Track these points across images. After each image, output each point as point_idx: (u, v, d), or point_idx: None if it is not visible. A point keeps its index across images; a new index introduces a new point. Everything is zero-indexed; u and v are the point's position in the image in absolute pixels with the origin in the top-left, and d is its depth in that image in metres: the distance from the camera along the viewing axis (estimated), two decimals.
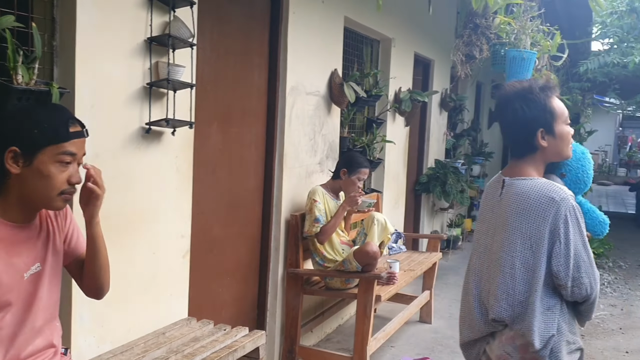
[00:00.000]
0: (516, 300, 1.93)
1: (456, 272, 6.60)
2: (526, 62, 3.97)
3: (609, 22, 8.26)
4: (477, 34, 3.20)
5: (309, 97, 4.05)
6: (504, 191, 2.03)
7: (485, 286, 2.03)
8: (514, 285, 1.93)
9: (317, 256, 3.87)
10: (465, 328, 2.15)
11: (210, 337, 2.73)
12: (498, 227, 2.02)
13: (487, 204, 2.12)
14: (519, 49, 4.00)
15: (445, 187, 6.53)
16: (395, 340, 4.50)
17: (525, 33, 4.02)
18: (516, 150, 2.08)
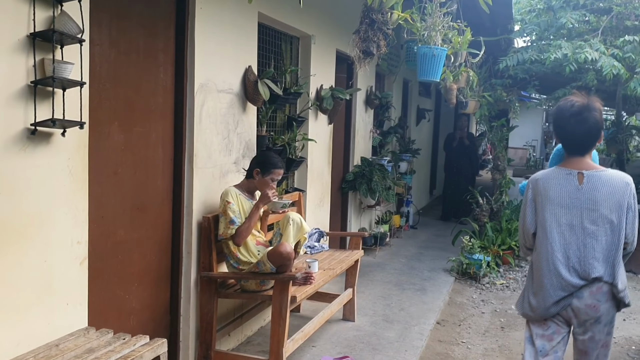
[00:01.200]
0: (610, 260, 2.68)
1: (383, 268, 6.64)
2: (437, 59, 4.00)
3: (527, 20, 8.53)
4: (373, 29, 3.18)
5: (222, 95, 3.95)
6: (587, 181, 2.72)
7: (578, 254, 2.70)
8: (609, 250, 2.68)
9: (231, 259, 3.78)
10: (556, 290, 2.73)
11: (107, 347, 2.59)
12: (585, 209, 2.71)
13: (562, 193, 2.75)
14: (429, 45, 4.03)
15: (371, 185, 6.55)
16: (317, 339, 4.46)
17: (436, 30, 4.06)
18: (582, 150, 2.78)
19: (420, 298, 5.69)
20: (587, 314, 2.72)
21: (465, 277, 6.59)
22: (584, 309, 2.72)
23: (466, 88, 6.51)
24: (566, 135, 2.79)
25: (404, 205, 8.70)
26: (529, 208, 2.86)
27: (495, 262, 6.85)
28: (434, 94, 11.32)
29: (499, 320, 5.43)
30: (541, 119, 23.54)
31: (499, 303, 5.94)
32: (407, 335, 4.71)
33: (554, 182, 2.78)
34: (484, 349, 4.73)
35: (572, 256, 2.71)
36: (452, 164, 10.04)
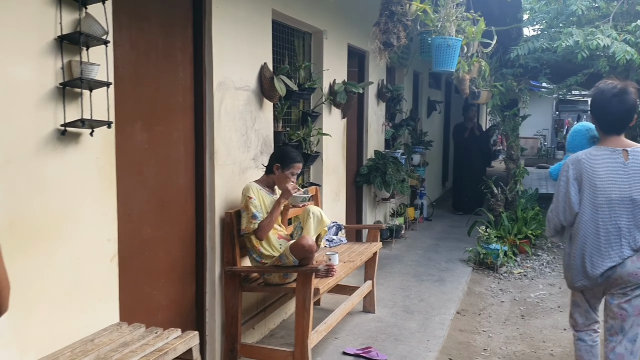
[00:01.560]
0: None
1: (400, 260, 6.68)
2: (452, 49, 4.03)
3: (537, 8, 8.50)
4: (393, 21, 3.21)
5: (239, 92, 4.00)
6: (631, 157, 2.92)
7: (629, 225, 2.89)
8: None
9: (254, 253, 3.83)
10: (605, 260, 2.91)
11: (141, 341, 2.66)
12: (633, 183, 2.89)
13: (610, 169, 2.92)
14: (444, 36, 4.06)
15: (385, 178, 6.59)
16: (339, 331, 4.51)
17: (450, 20, 4.08)
18: (621, 129, 2.98)
19: (439, 289, 5.73)
20: (630, 281, 2.91)
21: (482, 267, 6.62)
22: (626, 277, 2.91)
23: (478, 78, 6.52)
24: (607, 114, 2.98)
25: (417, 198, 8.72)
26: (572, 187, 2.98)
27: (512, 252, 6.88)
28: (443, 86, 11.32)
29: (519, 309, 5.45)
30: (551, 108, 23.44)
31: (518, 292, 5.96)
32: (428, 325, 4.75)
33: (600, 161, 2.94)
34: (505, 337, 4.76)
35: (624, 227, 2.90)
36: (462, 155, 10.02)
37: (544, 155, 20.69)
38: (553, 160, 20.15)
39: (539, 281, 6.35)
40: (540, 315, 5.29)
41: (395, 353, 4.18)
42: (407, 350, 4.25)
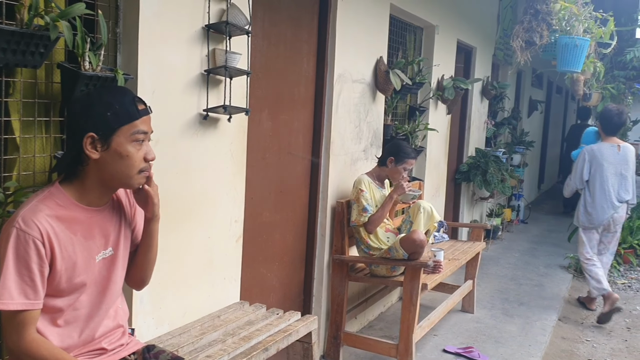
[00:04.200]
0: (631, 190, 4.99)
1: (497, 262, 6.55)
2: (579, 49, 3.88)
3: None
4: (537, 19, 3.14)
5: (355, 85, 4.05)
6: (622, 149, 5.01)
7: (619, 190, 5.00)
8: (633, 185, 4.98)
9: (362, 244, 3.88)
10: (609, 209, 5.03)
11: (264, 320, 2.77)
12: (622, 163, 4.99)
13: (610, 156, 5.00)
14: (571, 35, 3.91)
15: (486, 177, 6.46)
16: (438, 329, 4.50)
17: (578, 20, 3.93)
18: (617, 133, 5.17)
19: (539, 294, 5.57)
20: (619, 220, 5.15)
21: (583, 275, 6.35)
22: (618, 218, 5.12)
23: (592, 79, 6.25)
24: (612, 125, 5.06)
25: (514, 199, 8.50)
26: (586, 165, 5.07)
27: (616, 261, 6.56)
28: (545, 85, 10.93)
29: (624, 321, 5.22)
30: None
31: (622, 303, 5.67)
32: (529, 330, 4.64)
33: (604, 151, 5.06)
34: (610, 348, 4.57)
35: (618, 189, 5.05)
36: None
37: None
38: None
39: None
40: None
41: (496, 355, 4.12)
42: (509, 353, 4.18)
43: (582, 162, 5.06)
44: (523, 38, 3.22)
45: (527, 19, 3.15)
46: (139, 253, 1.96)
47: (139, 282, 2.02)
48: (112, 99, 1.70)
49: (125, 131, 1.69)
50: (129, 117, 1.70)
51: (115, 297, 1.89)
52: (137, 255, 1.96)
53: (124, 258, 1.89)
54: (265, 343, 2.52)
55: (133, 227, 1.95)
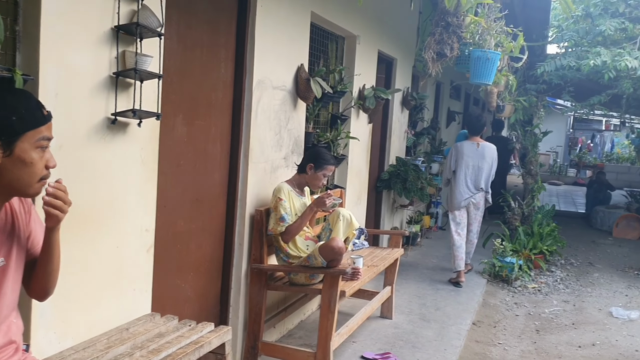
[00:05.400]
0: (487, 180, 6.30)
1: (416, 268, 6.69)
2: (490, 63, 4.04)
3: (565, 26, 8.50)
4: (448, 32, 3.24)
5: (276, 92, 4.03)
6: (480, 146, 6.29)
7: (475, 179, 6.23)
8: (489, 177, 6.32)
9: (281, 252, 3.85)
10: (467, 194, 6.24)
11: (176, 332, 2.68)
12: (480, 159, 6.23)
13: (469, 152, 6.25)
14: (483, 49, 4.07)
15: (406, 184, 6.60)
16: (357, 335, 4.52)
17: (490, 34, 4.09)
18: (478, 133, 6.46)
19: (455, 298, 5.73)
20: (478, 205, 6.35)
21: (497, 279, 6.62)
22: (476, 203, 6.33)
23: (505, 92, 6.53)
24: (473, 127, 6.47)
25: (433, 206, 8.73)
26: (453, 159, 6.34)
27: (527, 266, 6.88)
28: (463, 97, 11.33)
29: (534, 324, 5.46)
30: (565, 125, 23.38)
31: (532, 306, 5.96)
32: (445, 334, 4.76)
33: (466, 147, 6.31)
34: (520, 350, 4.76)
35: (475, 179, 6.26)
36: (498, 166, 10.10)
37: (556, 172, 20.63)
38: (565, 178, 20.12)
39: (552, 297, 6.34)
40: (555, 331, 5.29)
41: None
42: (425, 357, 4.26)
43: (450, 156, 6.42)
44: (434, 50, 3.31)
45: (438, 31, 3.25)
46: (39, 263, 1.85)
47: (42, 293, 1.91)
48: (16, 103, 1.61)
49: (30, 137, 1.61)
50: (35, 122, 1.62)
51: (8, 310, 1.77)
52: (38, 266, 1.85)
53: (17, 269, 1.77)
54: (175, 356, 2.44)
55: (28, 235, 1.83)
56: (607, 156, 22.19)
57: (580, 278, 7.21)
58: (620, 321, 5.68)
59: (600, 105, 9.05)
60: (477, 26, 3.82)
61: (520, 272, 6.66)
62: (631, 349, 4.97)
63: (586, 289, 6.78)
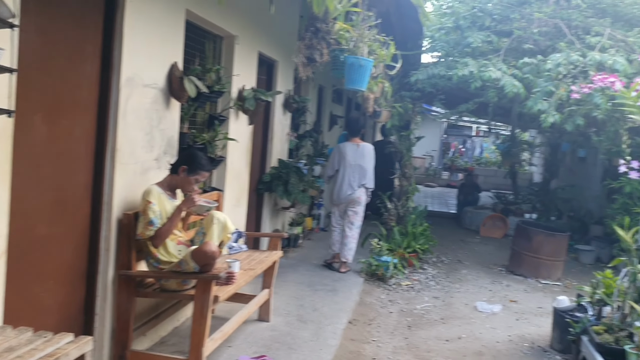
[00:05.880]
0: (369, 178, 6.87)
1: (295, 270, 6.75)
2: (363, 69, 4.17)
3: (437, 37, 9.00)
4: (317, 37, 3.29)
5: (147, 90, 3.88)
6: (360, 147, 6.90)
7: (356, 176, 6.80)
8: (369, 174, 6.87)
9: (151, 258, 3.72)
10: (347, 190, 6.80)
11: (28, 345, 2.49)
12: (360, 157, 6.84)
13: (351, 151, 6.85)
14: (357, 56, 4.19)
15: (287, 187, 6.64)
16: (233, 340, 4.48)
17: (363, 41, 4.22)
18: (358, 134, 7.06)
19: (332, 298, 5.85)
20: (358, 200, 6.83)
21: (373, 278, 6.84)
22: (356, 198, 6.81)
23: (381, 98, 6.77)
24: (352, 129, 7.07)
25: (315, 208, 8.86)
26: (336, 159, 6.86)
27: (402, 264, 7.17)
28: (345, 102, 11.62)
29: (406, 320, 5.70)
30: (439, 131, 24.73)
31: (405, 303, 6.23)
32: (321, 334, 4.83)
33: (347, 148, 6.87)
34: (393, 346, 4.95)
35: (356, 176, 6.79)
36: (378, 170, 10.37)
37: (431, 175, 21.75)
38: (439, 180, 21.28)
39: (424, 293, 6.67)
40: (425, 327, 5.56)
41: None
42: (301, 358, 4.30)
43: (333, 156, 6.98)
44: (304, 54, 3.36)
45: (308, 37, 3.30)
46: None
47: None
48: None
49: None
50: None
51: None
52: None
53: None
54: None
55: None
56: (476, 160, 23.74)
57: (449, 275, 7.65)
58: (484, 315, 6.09)
59: (469, 112, 9.65)
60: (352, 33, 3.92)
61: (395, 270, 6.94)
62: (493, 340, 5.34)
63: (455, 285, 7.20)
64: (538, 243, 7.86)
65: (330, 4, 2.88)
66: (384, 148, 10.07)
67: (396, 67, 5.60)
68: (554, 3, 8.21)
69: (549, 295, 6.95)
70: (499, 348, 5.15)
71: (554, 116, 6.95)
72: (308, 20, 3.38)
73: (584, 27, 7.85)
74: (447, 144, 25.76)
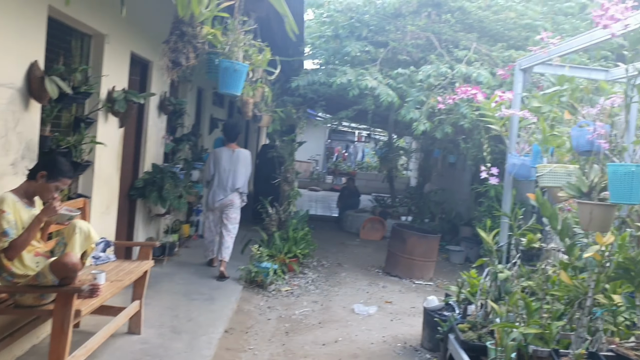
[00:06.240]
0: (243, 182, 7.05)
1: (171, 279, 6.53)
2: (238, 74, 4.11)
3: (317, 44, 9.15)
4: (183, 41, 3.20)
5: (2, 90, 3.57)
6: (235, 152, 7.05)
7: (230, 181, 6.94)
8: (244, 178, 7.07)
9: (4, 272, 3.42)
10: (220, 194, 6.97)
11: None
12: (235, 162, 6.99)
13: (227, 157, 7.00)
14: (231, 60, 4.13)
15: (162, 193, 6.41)
16: (99, 355, 4.23)
17: (238, 46, 4.17)
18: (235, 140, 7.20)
19: (209, 307, 5.72)
20: (232, 204, 7.00)
21: (253, 285, 6.79)
22: (230, 202, 6.97)
23: (261, 103, 6.75)
24: (228, 134, 7.20)
25: (194, 215, 8.65)
26: (212, 163, 7.01)
27: (282, 270, 7.18)
28: (227, 105, 11.47)
29: (284, 326, 5.70)
30: (324, 135, 25.19)
31: (284, 309, 6.23)
32: (195, 345, 4.70)
33: (223, 153, 7.01)
34: (269, 354, 4.92)
35: (230, 181, 6.93)
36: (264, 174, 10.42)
37: (316, 179, 22.10)
38: (323, 184, 21.67)
39: (304, 298, 6.72)
40: (303, 332, 5.60)
41: None
42: None
43: (209, 160, 7.13)
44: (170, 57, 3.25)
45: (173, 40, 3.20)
46: None
47: None
48: None
49: None
50: None
51: None
52: None
53: None
54: None
55: None
56: (359, 165, 24.47)
57: (329, 278, 7.77)
58: (361, 317, 6.25)
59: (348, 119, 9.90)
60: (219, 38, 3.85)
61: (275, 276, 6.93)
62: (368, 342, 5.48)
63: (334, 288, 7.33)
64: (412, 245, 8.22)
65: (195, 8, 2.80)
66: (267, 153, 10.05)
67: (275, 73, 5.59)
68: (426, 17, 8.64)
69: (421, 295, 7.27)
70: (373, 349, 5.30)
71: (425, 124, 7.33)
72: (173, 24, 3.26)
73: (453, 41, 8.34)
74: (331, 148, 26.29)
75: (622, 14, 3.08)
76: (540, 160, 4.20)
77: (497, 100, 4.82)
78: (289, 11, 2.77)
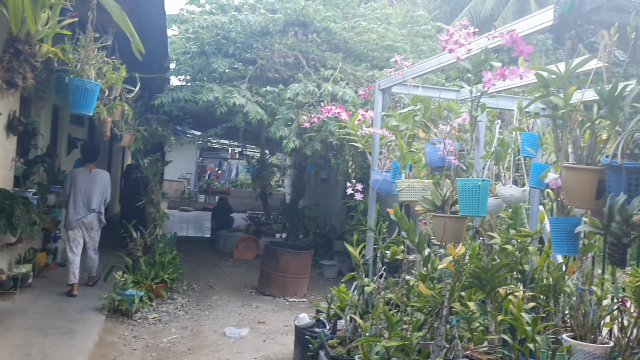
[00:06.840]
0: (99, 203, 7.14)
1: (24, 313, 5.97)
2: (89, 93, 3.86)
3: (182, 61, 8.95)
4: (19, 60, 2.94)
5: None
6: (92, 173, 7.13)
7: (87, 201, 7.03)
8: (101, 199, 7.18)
9: None
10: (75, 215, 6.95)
11: None
12: (91, 183, 7.07)
13: (83, 177, 7.05)
14: (82, 78, 3.88)
15: (12, 220, 5.86)
16: None
17: (90, 64, 3.93)
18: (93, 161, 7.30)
19: (67, 342, 5.30)
20: (91, 225, 7.09)
21: (117, 314, 6.40)
22: (89, 223, 7.06)
23: (121, 121, 6.44)
24: (86, 155, 7.35)
25: (51, 241, 8.02)
26: (69, 183, 7.03)
27: (148, 296, 6.86)
28: (87, 124, 10.85)
29: (150, 355, 5.43)
30: (195, 153, 24.67)
31: (151, 337, 5.94)
32: None
33: (80, 173, 7.10)
34: None
35: (87, 201, 6.98)
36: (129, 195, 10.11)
37: (187, 198, 21.54)
38: (195, 204, 21.17)
39: (172, 325, 6.45)
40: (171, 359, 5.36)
41: None
42: None
43: (67, 181, 7.14)
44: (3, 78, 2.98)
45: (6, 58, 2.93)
46: None
47: None
48: None
49: None
50: None
51: None
52: None
53: None
54: None
55: None
56: (233, 182, 24.24)
57: (200, 302, 7.54)
58: (232, 340, 6.12)
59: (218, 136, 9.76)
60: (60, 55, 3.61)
61: (141, 303, 6.59)
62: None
63: (205, 312, 7.11)
64: (284, 262, 8.23)
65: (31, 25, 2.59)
66: (132, 173, 9.59)
67: (134, 91, 5.36)
68: (293, 36, 8.77)
69: (295, 312, 7.25)
70: None
71: (295, 142, 7.41)
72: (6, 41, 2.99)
73: (320, 60, 8.54)
74: (202, 166, 25.80)
75: (465, 39, 3.31)
76: (399, 176, 4.38)
77: (360, 118, 4.98)
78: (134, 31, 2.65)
